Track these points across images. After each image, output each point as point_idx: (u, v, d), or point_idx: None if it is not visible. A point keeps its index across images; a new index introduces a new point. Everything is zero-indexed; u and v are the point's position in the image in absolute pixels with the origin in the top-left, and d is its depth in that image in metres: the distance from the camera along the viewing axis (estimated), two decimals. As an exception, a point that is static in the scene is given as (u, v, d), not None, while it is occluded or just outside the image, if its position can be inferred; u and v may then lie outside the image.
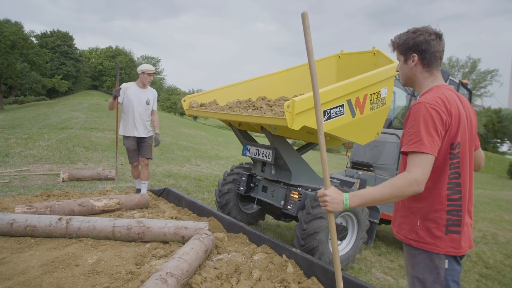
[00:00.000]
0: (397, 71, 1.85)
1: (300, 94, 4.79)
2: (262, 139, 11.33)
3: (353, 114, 3.34)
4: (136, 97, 5.02)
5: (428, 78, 1.72)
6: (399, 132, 5.12)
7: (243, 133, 4.30)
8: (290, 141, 4.15)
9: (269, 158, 3.77)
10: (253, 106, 3.95)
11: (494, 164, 37.11)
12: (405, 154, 1.60)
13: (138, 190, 5.31)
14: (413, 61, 1.72)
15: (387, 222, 5.27)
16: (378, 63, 4.28)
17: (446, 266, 1.60)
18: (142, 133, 5.08)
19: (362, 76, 3.35)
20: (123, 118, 5.09)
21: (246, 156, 4.17)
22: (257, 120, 3.22)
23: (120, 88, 4.92)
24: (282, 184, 3.97)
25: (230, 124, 4.20)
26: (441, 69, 2.13)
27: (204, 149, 14.44)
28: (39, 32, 50.27)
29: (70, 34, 51.69)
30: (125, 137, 5.07)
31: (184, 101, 4.14)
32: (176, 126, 24.39)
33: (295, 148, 4.04)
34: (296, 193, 3.68)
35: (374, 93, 3.54)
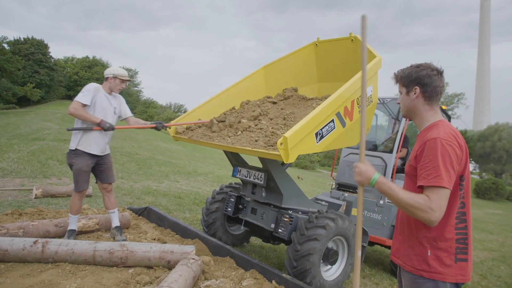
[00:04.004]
0: (398, 103, 1.94)
1: (283, 90, 4.65)
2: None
3: (344, 124, 3.33)
4: (107, 106, 3.93)
5: (429, 111, 1.82)
6: (384, 155, 5.19)
7: (234, 154, 4.19)
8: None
9: (260, 181, 3.69)
10: (240, 123, 3.76)
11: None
12: (421, 187, 1.65)
13: (71, 232, 3.79)
14: (415, 93, 1.81)
15: (371, 243, 5.27)
16: (357, 49, 4.18)
17: None
18: (102, 150, 3.94)
19: (347, 84, 3.29)
20: (82, 128, 3.76)
21: (236, 177, 4.06)
22: (250, 153, 3.10)
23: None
24: (272, 206, 3.88)
25: None
26: None
27: (181, 164, 14.13)
28: (12, 39, 48.51)
29: (45, 42, 50.23)
30: (80, 154, 3.75)
31: (169, 128, 3.99)
32: (153, 139, 23.86)
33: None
34: (288, 216, 3.60)
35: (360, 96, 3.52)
